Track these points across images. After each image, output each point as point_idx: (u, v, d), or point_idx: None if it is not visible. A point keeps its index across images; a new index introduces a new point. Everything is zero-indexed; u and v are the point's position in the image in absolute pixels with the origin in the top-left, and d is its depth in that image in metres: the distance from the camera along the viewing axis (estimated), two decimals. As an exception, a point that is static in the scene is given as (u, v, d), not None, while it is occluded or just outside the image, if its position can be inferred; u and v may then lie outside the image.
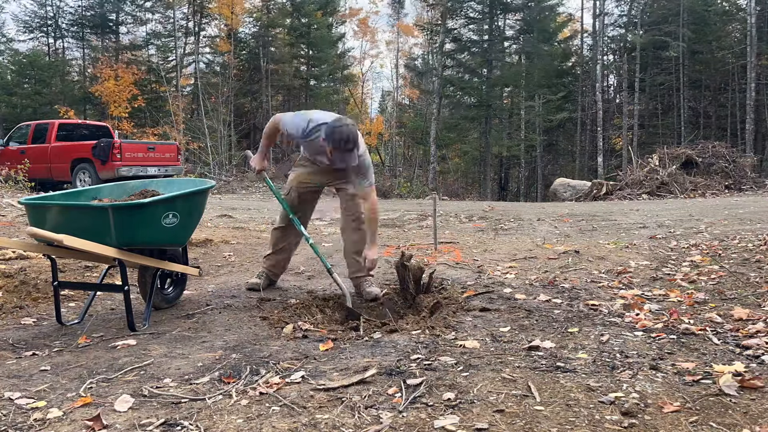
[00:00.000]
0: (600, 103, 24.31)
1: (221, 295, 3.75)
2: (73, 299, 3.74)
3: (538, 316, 3.02)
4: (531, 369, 2.23)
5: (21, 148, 12.93)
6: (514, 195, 27.06)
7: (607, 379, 2.10)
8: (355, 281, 3.81)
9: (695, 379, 2.07)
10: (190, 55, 28.86)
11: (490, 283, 3.88)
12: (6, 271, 4.03)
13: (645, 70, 25.31)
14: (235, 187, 19.67)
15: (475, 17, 27.03)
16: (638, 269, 4.25)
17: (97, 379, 2.28)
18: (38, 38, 29.92)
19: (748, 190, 15.08)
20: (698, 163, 15.83)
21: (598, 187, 15.88)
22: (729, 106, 25.27)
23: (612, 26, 28.55)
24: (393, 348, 2.57)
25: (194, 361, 2.48)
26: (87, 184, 11.71)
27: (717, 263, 4.31)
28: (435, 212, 5.61)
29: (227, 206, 10.67)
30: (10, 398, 2.09)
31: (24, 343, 2.85)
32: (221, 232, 6.41)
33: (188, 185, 3.57)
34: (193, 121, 25.05)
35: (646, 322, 2.84)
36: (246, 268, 4.67)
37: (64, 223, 2.88)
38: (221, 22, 27.88)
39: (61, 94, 26.38)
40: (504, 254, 4.99)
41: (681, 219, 7.94)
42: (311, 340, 2.79)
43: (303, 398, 2.00)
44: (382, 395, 2.01)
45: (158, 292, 3.37)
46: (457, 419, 1.79)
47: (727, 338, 2.58)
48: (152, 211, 2.96)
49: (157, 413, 1.93)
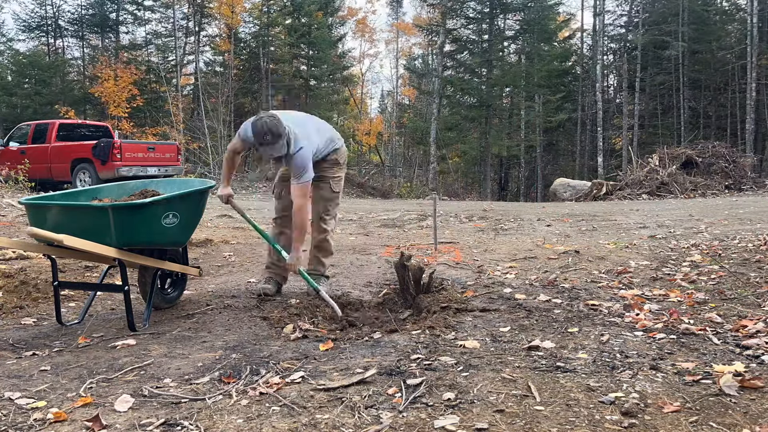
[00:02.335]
0: (600, 103, 24.30)
1: (221, 295, 3.75)
2: (73, 299, 3.74)
3: (538, 316, 3.02)
4: (531, 369, 2.23)
5: (21, 148, 12.93)
6: (513, 195, 27.04)
7: (607, 379, 2.10)
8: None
9: (695, 379, 2.07)
10: (190, 54, 28.86)
11: (490, 283, 3.88)
12: (6, 271, 4.03)
13: (645, 70, 25.29)
14: (235, 187, 19.67)
15: (475, 17, 27.02)
16: (638, 269, 4.25)
17: (97, 379, 2.28)
18: (38, 38, 29.92)
19: (748, 190, 15.08)
20: (698, 163, 15.82)
21: (598, 187, 15.88)
22: (729, 106, 25.25)
23: (612, 26, 28.56)
24: (393, 348, 2.57)
25: (194, 361, 2.48)
26: (87, 184, 11.71)
27: (717, 263, 4.31)
28: (435, 212, 5.61)
29: (227, 206, 10.65)
30: (10, 398, 2.09)
31: (24, 343, 2.85)
32: (221, 232, 6.41)
33: (188, 185, 3.57)
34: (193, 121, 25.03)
35: (646, 322, 2.84)
36: (246, 268, 4.68)
37: (64, 223, 2.88)
38: (221, 22, 27.87)
39: (61, 94, 26.37)
40: (504, 254, 4.99)
41: (681, 219, 7.94)
42: (311, 340, 2.79)
43: (303, 398, 2.00)
44: (382, 395, 2.01)
45: (158, 292, 3.37)
46: (457, 419, 1.79)
47: (727, 338, 2.58)
48: (152, 211, 2.96)
49: (157, 413, 1.93)
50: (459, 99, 27.93)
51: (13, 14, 35.43)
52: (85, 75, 28.92)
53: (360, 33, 37.74)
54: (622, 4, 28.51)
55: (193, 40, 28.28)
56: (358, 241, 6.09)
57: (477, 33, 27.27)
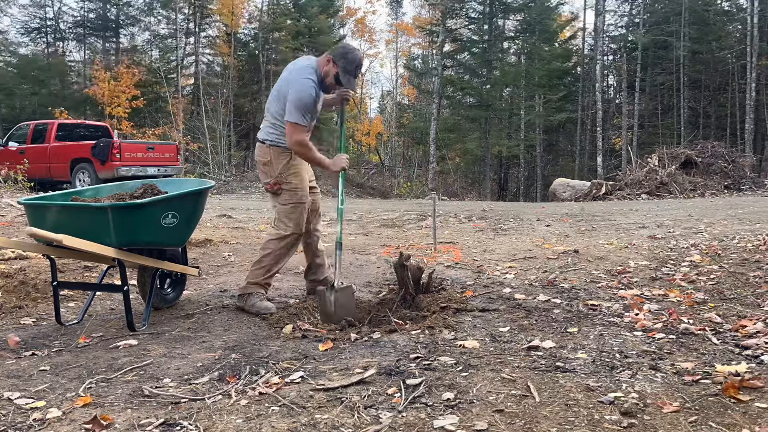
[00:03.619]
0: (600, 103, 24.27)
1: (221, 295, 3.75)
2: (73, 299, 3.73)
3: (538, 316, 3.02)
4: (530, 369, 2.23)
5: (20, 148, 12.93)
6: (513, 195, 27.05)
7: (607, 379, 2.10)
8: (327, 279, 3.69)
9: (695, 379, 2.07)
10: (190, 55, 28.86)
11: (489, 283, 3.88)
12: (5, 271, 4.03)
13: (645, 70, 25.30)
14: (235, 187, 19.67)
15: (475, 17, 27.04)
16: (638, 269, 4.25)
17: (96, 379, 2.28)
18: (38, 39, 29.92)
19: (747, 190, 15.09)
20: (698, 163, 15.83)
21: (597, 187, 15.88)
22: (729, 106, 25.25)
23: (613, 26, 28.58)
24: (392, 348, 2.57)
25: (194, 361, 2.48)
26: (86, 184, 11.71)
27: (716, 263, 4.31)
28: (435, 212, 5.61)
29: (227, 206, 10.66)
30: (9, 398, 2.09)
31: (23, 343, 2.85)
32: (221, 232, 6.41)
33: (188, 185, 3.56)
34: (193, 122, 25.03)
35: (646, 322, 2.84)
36: (246, 268, 4.67)
37: (63, 223, 2.88)
38: (221, 23, 27.87)
39: (61, 95, 26.37)
40: (503, 254, 4.99)
41: (680, 219, 7.94)
42: (311, 340, 2.78)
43: (302, 398, 2.00)
44: (381, 395, 2.01)
45: (158, 292, 3.37)
46: (456, 419, 1.79)
47: (726, 338, 2.58)
48: (152, 211, 2.96)
49: (157, 413, 1.92)
50: (459, 99, 27.94)
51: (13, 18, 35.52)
52: (85, 76, 28.92)
53: (360, 33, 37.73)
54: (623, 4, 28.54)
55: (193, 41, 28.29)
56: (357, 241, 6.09)
57: (477, 33, 27.28)
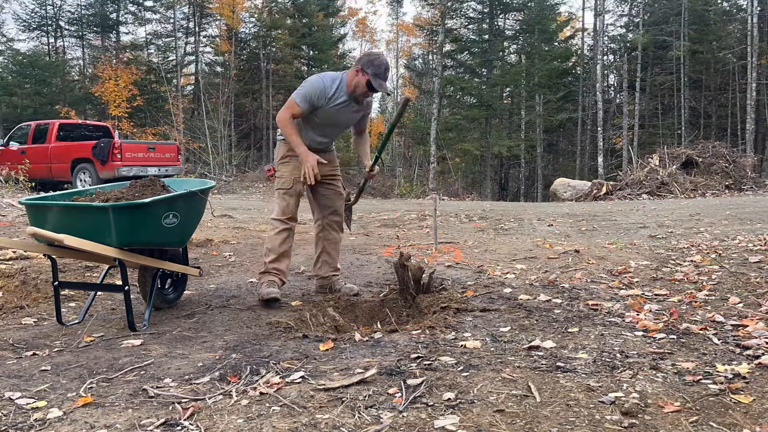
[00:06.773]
0: (600, 103, 24.28)
1: (221, 295, 3.75)
2: (74, 299, 3.74)
3: (539, 316, 3.02)
4: (531, 369, 2.23)
5: (21, 148, 12.95)
6: (514, 195, 27.05)
7: (608, 379, 2.10)
8: (329, 280, 3.82)
9: (695, 379, 2.07)
10: (190, 55, 28.87)
11: (490, 283, 3.88)
12: (6, 271, 4.03)
13: (645, 70, 25.31)
14: (235, 187, 19.68)
15: (475, 17, 27.04)
16: (638, 269, 4.25)
17: (97, 379, 2.28)
18: (38, 38, 29.95)
19: (748, 190, 15.08)
20: (698, 163, 15.81)
21: (598, 187, 15.88)
22: (729, 106, 25.26)
23: (612, 26, 28.58)
24: (393, 348, 2.57)
25: (194, 361, 2.48)
26: (87, 184, 11.72)
27: (717, 263, 4.31)
28: (435, 212, 5.61)
29: (227, 206, 10.67)
30: (10, 398, 2.09)
31: (24, 343, 2.85)
32: (221, 232, 6.41)
33: (188, 185, 3.56)
34: (194, 121, 25.04)
35: (647, 322, 2.84)
36: (246, 268, 4.67)
37: (64, 223, 2.88)
38: (222, 22, 27.88)
39: (62, 94, 26.38)
40: (504, 254, 4.99)
41: (681, 219, 7.93)
42: (311, 340, 2.78)
43: (303, 398, 2.00)
44: (382, 395, 2.01)
45: (159, 292, 3.37)
46: (457, 419, 1.79)
47: (727, 338, 2.58)
48: (152, 211, 2.96)
49: (157, 413, 1.93)
50: (459, 99, 27.93)
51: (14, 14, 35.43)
52: (86, 75, 28.93)
53: (360, 33, 37.75)
54: (622, 4, 28.53)
55: (193, 40, 28.30)
56: (358, 241, 6.08)
57: (477, 33, 27.28)
